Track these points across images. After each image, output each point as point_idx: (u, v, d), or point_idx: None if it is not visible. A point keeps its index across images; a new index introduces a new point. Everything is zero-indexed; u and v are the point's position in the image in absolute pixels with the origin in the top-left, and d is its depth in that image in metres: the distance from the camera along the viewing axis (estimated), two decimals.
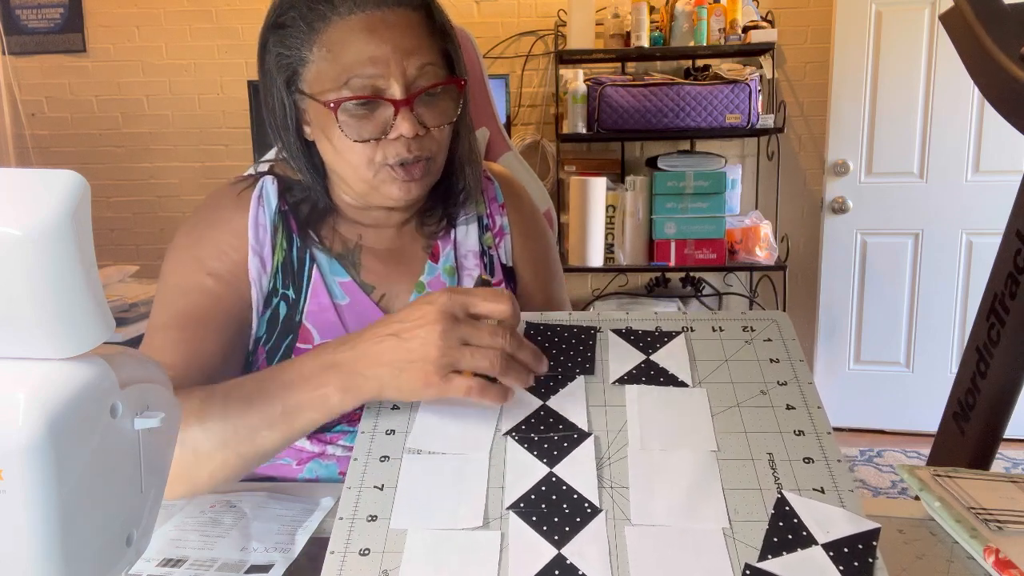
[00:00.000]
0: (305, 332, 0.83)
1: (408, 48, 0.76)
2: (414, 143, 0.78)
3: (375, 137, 0.77)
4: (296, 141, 0.83)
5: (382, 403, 0.65)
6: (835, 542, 0.51)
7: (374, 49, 0.75)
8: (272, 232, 0.84)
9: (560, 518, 0.53)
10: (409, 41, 0.76)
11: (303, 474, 0.84)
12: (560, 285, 1.03)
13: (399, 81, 0.75)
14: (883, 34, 2.83)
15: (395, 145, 0.77)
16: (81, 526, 0.38)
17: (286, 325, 0.83)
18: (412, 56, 0.76)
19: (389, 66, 0.75)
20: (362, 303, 0.85)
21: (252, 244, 0.83)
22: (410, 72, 0.76)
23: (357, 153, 0.78)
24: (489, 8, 3.11)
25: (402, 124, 0.76)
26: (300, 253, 0.85)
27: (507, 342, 0.61)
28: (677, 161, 2.88)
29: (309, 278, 0.84)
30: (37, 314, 0.35)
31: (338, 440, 0.85)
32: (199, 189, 3.35)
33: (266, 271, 0.83)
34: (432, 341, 0.59)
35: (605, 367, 0.66)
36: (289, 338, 0.83)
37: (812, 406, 0.62)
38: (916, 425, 2.98)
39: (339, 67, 0.75)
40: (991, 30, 1.17)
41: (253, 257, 0.82)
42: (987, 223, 2.81)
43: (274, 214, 0.85)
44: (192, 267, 0.81)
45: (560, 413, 0.62)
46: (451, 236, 0.92)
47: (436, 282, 0.89)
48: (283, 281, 0.83)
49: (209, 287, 0.80)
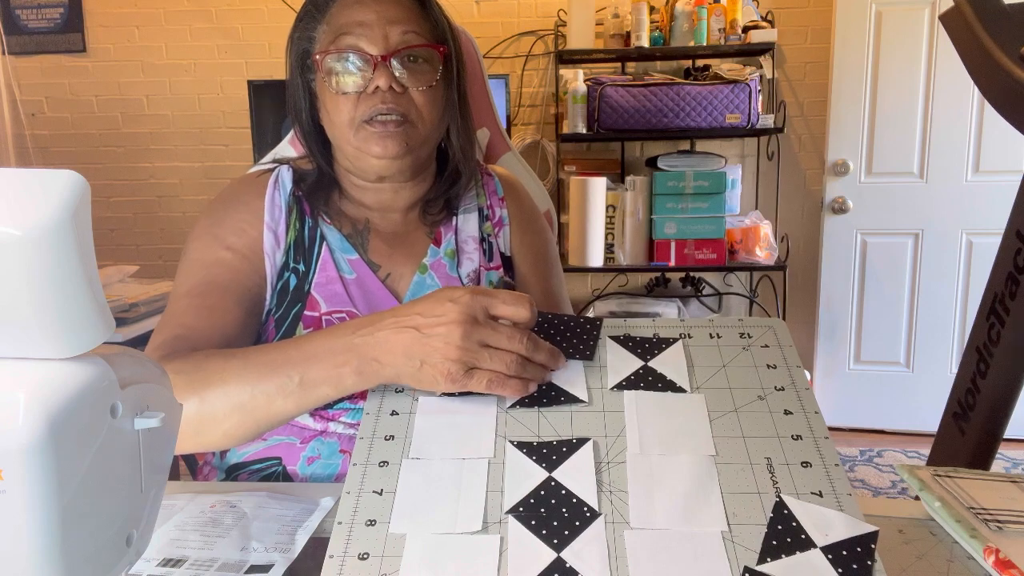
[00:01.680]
0: (312, 301, 0.88)
1: (393, 17, 0.85)
2: (390, 97, 0.83)
3: (356, 91, 0.84)
4: (308, 121, 0.92)
5: (381, 408, 0.65)
6: (834, 545, 0.51)
7: (362, 15, 0.84)
8: (287, 213, 0.91)
9: (559, 522, 0.53)
10: (395, 12, 0.85)
11: (306, 452, 0.86)
12: (559, 282, 1.06)
13: (380, 42, 0.84)
14: (883, 34, 2.83)
15: (373, 99, 0.84)
16: (81, 526, 0.38)
17: (295, 295, 0.88)
18: (396, 24, 0.85)
19: (373, 29, 0.84)
20: (368, 279, 0.90)
21: (267, 222, 0.89)
22: (392, 37, 0.84)
23: (341, 111, 0.85)
24: (489, 8, 3.11)
25: (379, 77, 0.83)
26: (312, 232, 0.91)
27: (524, 346, 0.63)
28: (677, 161, 2.88)
29: (319, 254, 0.90)
30: (37, 314, 0.35)
31: (340, 417, 0.86)
32: (199, 189, 3.36)
33: (280, 247, 0.89)
34: (453, 341, 0.62)
35: (604, 373, 0.67)
36: (297, 307, 0.88)
37: (809, 411, 0.62)
38: (916, 425, 2.98)
39: (332, 32, 0.86)
40: (991, 30, 1.17)
41: (268, 233, 0.89)
42: (987, 223, 2.81)
43: (288, 197, 0.92)
44: (212, 243, 0.88)
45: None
46: (452, 223, 0.98)
47: (438, 264, 0.94)
48: (295, 257, 0.89)
49: (227, 260, 0.87)
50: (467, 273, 0.96)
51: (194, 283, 0.85)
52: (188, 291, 0.84)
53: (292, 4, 3.11)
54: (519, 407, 0.63)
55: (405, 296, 0.92)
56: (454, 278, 0.94)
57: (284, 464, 0.85)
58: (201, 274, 0.85)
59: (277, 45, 3.19)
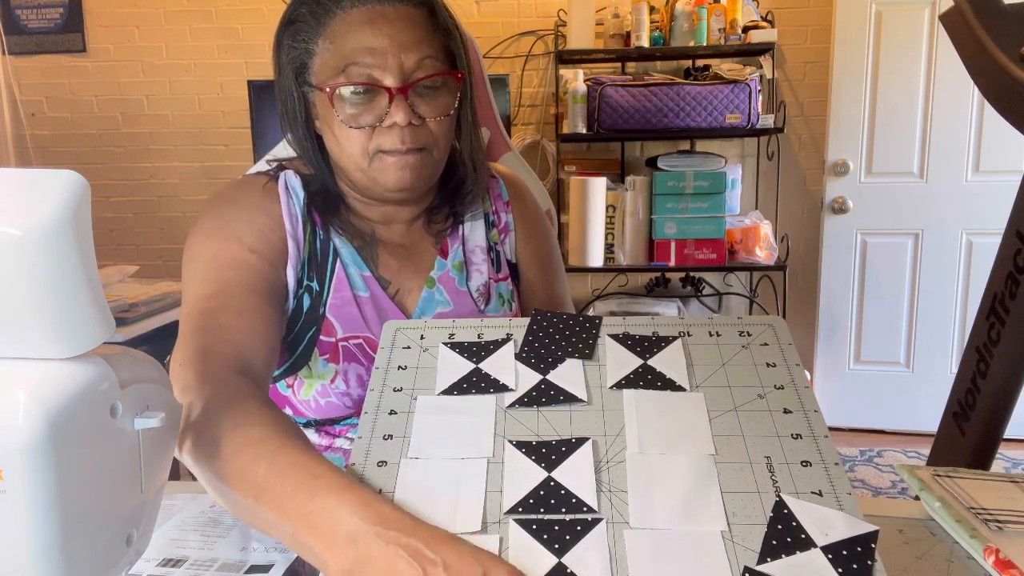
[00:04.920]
0: (328, 325, 0.84)
1: (406, 42, 0.77)
2: (408, 133, 0.78)
3: (370, 125, 0.78)
4: (305, 134, 0.85)
5: (380, 408, 0.65)
6: (834, 545, 0.51)
7: (372, 40, 0.77)
8: (302, 223, 0.85)
9: (560, 526, 0.53)
10: (408, 35, 0.78)
11: None
12: (563, 284, 1.05)
13: (395, 72, 0.77)
14: (883, 34, 2.83)
15: (389, 134, 0.78)
16: (81, 526, 0.38)
17: (309, 317, 0.84)
18: (410, 50, 0.77)
19: (386, 57, 0.77)
20: (380, 297, 0.87)
21: (289, 231, 0.84)
22: (407, 64, 0.77)
23: (353, 141, 0.79)
24: (489, 8, 3.11)
25: (396, 112, 0.77)
26: (324, 246, 0.86)
27: None
28: (677, 161, 2.88)
29: (333, 271, 0.86)
30: (37, 314, 0.35)
31: (346, 433, 0.86)
32: (199, 189, 3.36)
33: (298, 260, 0.84)
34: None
35: (603, 371, 0.67)
36: (312, 330, 0.84)
37: (809, 410, 0.62)
38: (916, 425, 2.98)
39: (339, 56, 0.78)
40: (991, 30, 1.17)
41: (292, 243, 0.84)
42: (987, 223, 2.81)
43: (303, 205, 0.86)
44: (232, 244, 0.80)
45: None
46: (459, 232, 0.94)
47: (446, 277, 0.91)
48: (308, 273, 0.85)
49: (253, 262, 0.80)
50: (476, 287, 0.93)
51: (220, 283, 0.77)
52: (212, 293, 0.76)
53: None
54: (518, 406, 0.63)
55: (414, 312, 0.89)
56: (463, 292, 0.92)
57: None
58: (226, 274, 0.78)
59: None
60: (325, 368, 0.84)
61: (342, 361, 0.84)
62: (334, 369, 0.84)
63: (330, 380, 0.85)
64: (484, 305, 0.93)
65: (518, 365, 0.67)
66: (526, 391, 0.65)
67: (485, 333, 0.72)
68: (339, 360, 0.84)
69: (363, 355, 0.85)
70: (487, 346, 0.70)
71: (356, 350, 0.85)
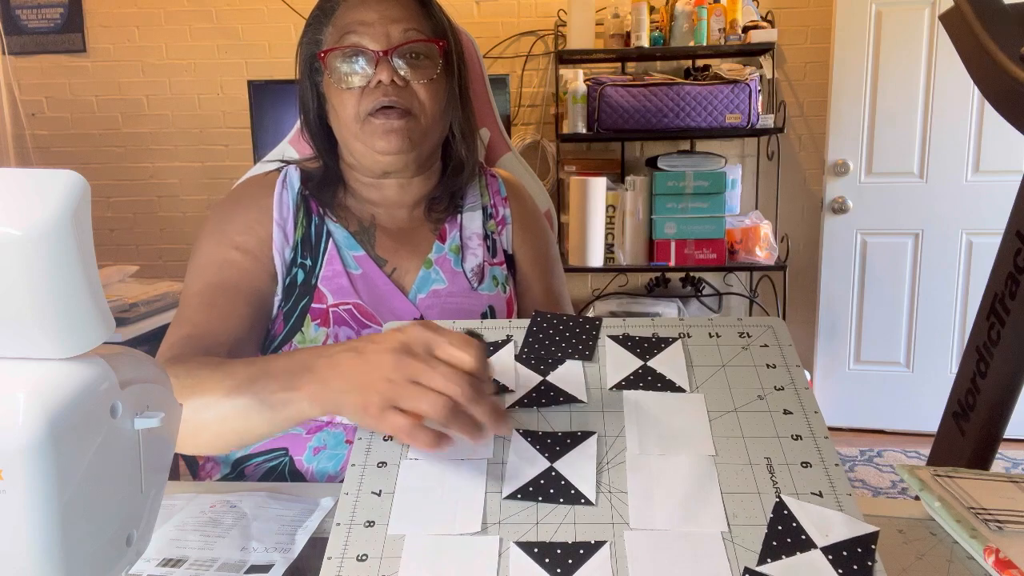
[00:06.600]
0: (319, 294, 0.90)
1: (394, 16, 0.88)
2: (392, 90, 0.87)
3: (360, 85, 0.88)
4: (316, 120, 0.96)
5: None
6: (834, 545, 0.51)
7: (365, 15, 0.88)
8: (294, 211, 0.94)
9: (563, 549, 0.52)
10: (397, 11, 0.89)
11: (312, 442, 0.86)
12: (560, 282, 1.07)
13: (382, 39, 0.87)
14: (883, 34, 2.83)
15: (376, 93, 0.87)
16: (81, 526, 0.38)
17: (303, 289, 0.91)
18: (397, 22, 0.88)
19: (375, 27, 0.87)
20: (374, 274, 0.93)
21: (276, 218, 0.92)
22: (394, 34, 0.88)
23: (347, 105, 0.88)
24: (489, 8, 3.11)
25: (381, 72, 0.86)
26: (318, 229, 0.94)
27: (462, 391, 0.55)
28: (677, 161, 2.88)
29: (325, 249, 0.93)
30: (37, 314, 0.35)
31: None
32: (199, 189, 3.36)
33: (288, 243, 0.92)
34: (381, 370, 0.57)
35: (603, 373, 0.67)
36: (305, 300, 0.91)
37: (809, 411, 0.62)
38: (916, 425, 2.98)
39: (338, 31, 0.90)
40: (991, 30, 1.17)
41: (277, 230, 0.92)
42: (987, 223, 2.81)
43: (296, 195, 0.95)
44: (222, 243, 0.91)
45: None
46: (457, 220, 1.00)
47: (442, 259, 0.96)
48: (302, 253, 0.92)
49: (237, 260, 0.89)
50: (471, 268, 0.98)
51: (204, 283, 0.88)
52: (199, 290, 0.87)
53: (292, 4, 3.11)
54: (518, 407, 0.63)
55: (411, 290, 0.94)
56: (459, 272, 0.96)
57: (290, 455, 0.86)
58: (211, 274, 0.88)
59: (277, 45, 3.19)
60: (317, 332, 0.89)
61: (332, 325, 0.89)
62: (325, 333, 0.89)
63: (322, 343, 0.88)
64: (477, 284, 0.97)
65: (518, 366, 0.68)
66: (526, 392, 0.65)
67: (485, 334, 0.72)
68: (329, 324, 0.89)
69: (353, 320, 0.89)
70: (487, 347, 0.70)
71: (346, 315, 0.89)
